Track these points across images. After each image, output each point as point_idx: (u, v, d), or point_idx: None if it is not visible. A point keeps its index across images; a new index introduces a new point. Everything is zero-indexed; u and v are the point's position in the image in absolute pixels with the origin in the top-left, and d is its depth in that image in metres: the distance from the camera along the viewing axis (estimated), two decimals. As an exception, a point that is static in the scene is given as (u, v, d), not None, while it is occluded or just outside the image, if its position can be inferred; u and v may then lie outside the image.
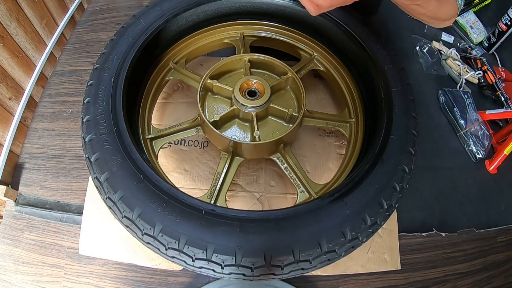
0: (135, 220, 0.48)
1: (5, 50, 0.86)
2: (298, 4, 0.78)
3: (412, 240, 0.84)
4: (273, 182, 0.81)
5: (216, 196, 0.63)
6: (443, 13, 0.61)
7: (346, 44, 0.77)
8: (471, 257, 0.86)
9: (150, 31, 0.69)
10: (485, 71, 1.15)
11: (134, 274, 0.75)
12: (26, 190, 0.88)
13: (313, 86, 0.94)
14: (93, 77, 0.62)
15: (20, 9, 0.90)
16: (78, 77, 1.06)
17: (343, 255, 0.51)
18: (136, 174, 0.51)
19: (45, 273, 0.77)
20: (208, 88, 0.73)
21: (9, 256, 0.79)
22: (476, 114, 1.04)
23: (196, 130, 0.71)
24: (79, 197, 0.85)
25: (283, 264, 0.46)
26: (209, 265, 0.47)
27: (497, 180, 0.98)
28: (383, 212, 0.52)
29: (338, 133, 0.87)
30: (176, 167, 0.81)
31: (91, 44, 1.14)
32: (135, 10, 0.78)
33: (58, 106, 1.01)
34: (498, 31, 1.19)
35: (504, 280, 0.86)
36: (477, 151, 0.99)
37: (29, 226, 0.82)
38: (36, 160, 0.91)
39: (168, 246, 0.47)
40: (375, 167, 0.55)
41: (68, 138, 0.94)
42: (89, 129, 0.55)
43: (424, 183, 0.93)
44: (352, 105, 0.78)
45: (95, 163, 0.52)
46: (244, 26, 0.85)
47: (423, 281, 0.81)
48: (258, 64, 0.77)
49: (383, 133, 0.60)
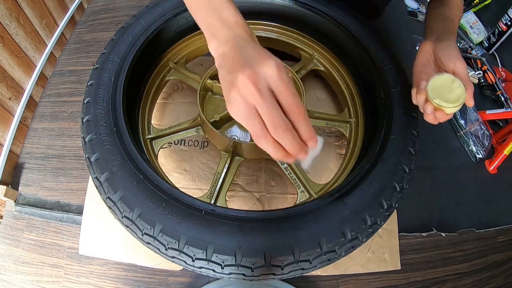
0: (135, 220, 0.48)
1: (5, 50, 0.86)
2: (298, 4, 0.78)
3: (412, 240, 0.84)
4: (273, 182, 0.81)
5: (216, 196, 0.63)
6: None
7: (346, 44, 0.77)
8: (471, 257, 0.86)
9: (150, 31, 0.69)
10: (485, 71, 1.15)
11: (134, 274, 0.75)
12: (26, 190, 0.88)
13: (313, 86, 0.94)
14: (93, 77, 0.62)
15: (20, 9, 0.90)
16: (78, 77, 1.06)
17: (343, 255, 0.51)
18: (136, 174, 0.51)
19: (45, 273, 0.77)
20: (208, 88, 0.73)
21: (9, 256, 0.79)
22: (476, 114, 1.04)
23: (196, 130, 0.71)
24: (79, 197, 0.85)
25: (283, 264, 0.46)
26: (209, 265, 0.46)
27: (497, 180, 0.98)
28: (383, 212, 0.52)
29: (338, 133, 0.87)
30: (176, 167, 0.81)
31: (91, 44, 1.14)
32: (135, 10, 0.78)
33: (58, 106, 1.01)
34: (498, 31, 1.19)
35: (504, 280, 0.86)
36: (477, 151, 0.99)
37: (29, 226, 0.82)
38: (36, 160, 0.92)
39: (168, 246, 0.47)
40: (375, 167, 0.55)
41: (68, 138, 0.95)
42: (89, 129, 0.55)
43: (424, 183, 0.93)
44: (352, 105, 0.78)
45: (95, 163, 0.52)
46: (244, 26, 0.85)
47: (423, 281, 0.81)
48: (258, 64, 0.77)
49: (383, 133, 0.60)
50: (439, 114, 0.52)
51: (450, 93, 0.51)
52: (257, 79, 0.35)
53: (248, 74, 0.35)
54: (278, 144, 0.35)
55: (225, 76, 0.37)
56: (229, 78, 0.36)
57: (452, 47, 0.54)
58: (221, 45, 0.39)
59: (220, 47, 0.39)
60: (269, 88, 0.35)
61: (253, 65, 0.36)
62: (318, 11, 0.77)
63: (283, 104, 0.36)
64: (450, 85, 0.51)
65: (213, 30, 0.40)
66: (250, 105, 0.35)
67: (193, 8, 0.43)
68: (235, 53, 0.38)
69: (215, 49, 0.40)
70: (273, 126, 0.34)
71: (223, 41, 0.39)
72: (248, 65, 0.36)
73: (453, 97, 0.50)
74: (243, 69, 0.35)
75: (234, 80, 0.35)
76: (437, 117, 0.52)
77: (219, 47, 0.39)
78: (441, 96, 0.51)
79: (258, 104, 0.34)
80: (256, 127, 0.35)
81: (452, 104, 0.50)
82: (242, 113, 0.35)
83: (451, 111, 0.52)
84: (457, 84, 0.51)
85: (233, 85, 0.35)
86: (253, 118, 0.35)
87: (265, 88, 0.35)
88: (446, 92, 0.51)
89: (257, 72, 0.35)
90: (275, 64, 0.36)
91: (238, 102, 0.35)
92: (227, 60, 0.38)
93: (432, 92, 0.51)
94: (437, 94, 0.51)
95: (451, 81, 0.51)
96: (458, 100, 0.50)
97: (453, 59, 0.53)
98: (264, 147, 0.36)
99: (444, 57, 0.54)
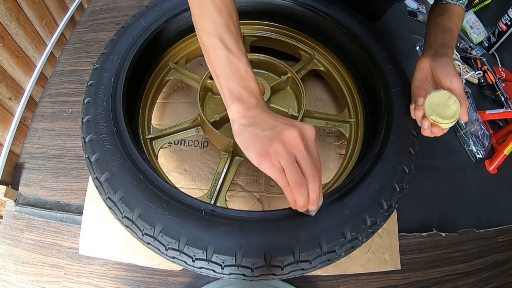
0: (135, 221, 0.48)
1: (5, 50, 0.86)
2: (298, 4, 0.78)
3: (412, 240, 0.84)
4: (273, 182, 0.81)
5: (216, 196, 0.63)
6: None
7: (346, 44, 0.77)
8: (471, 257, 0.86)
9: (150, 31, 0.69)
10: (485, 71, 1.15)
11: (134, 274, 0.75)
12: (26, 190, 0.88)
13: (313, 86, 0.94)
14: (93, 77, 0.62)
15: (20, 9, 0.90)
16: (78, 77, 1.06)
17: (343, 255, 0.51)
18: (136, 174, 0.51)
19: (45, 273, 0.77)
20: (208, 88, 0.73)
21: (9, 256, 0.79)
22: (476, 114, 1.04)
23: (196, 130, 0.71)
24: (79, 197, 0.85)
25: (283, 264, 0.46)
26: (209, 266, 0.47)
27: (497, 180, 0.98)
28: (383, 212, 0.52)
29: (338, 133, 0.87)
30: (176, 167, 0.81)
31: (91, 44, 1.14)
32: (135, 10, 0.78)
33: (58, 106, 1.01)
34: (498, 31, 1.19)
35: (504, 280, 0.86)
36: (477, 151, 0.99)
37: (29, 226, 0.82)
38: (36, 160, 0.92)
39: (168, 246, 0.47)
40: (375, 167, 0.55)
41: (68, 138, 0.94)
42: (89, 129, 0.55)
43: (424, 183, 0.93)
44: (352, 105, 0.78)
45: (95, 163, 0.52)
46: (244, 26, 0.85)
47: (423, 281, 0.81)
48: (258, 64, 0.77)
49: (383, 133, 0.60)
50: (435, 129, 0.55)
51: (446, 109, 0.54)
52: (298, 140, 0.41)
53: (293, 133, 0.41)
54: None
55: (260, 133, 0.42)
56: (268, 134, 0.41)
57: (449, 64, 0.57)
58: (248, 110, 0.44)
59: (248, 111, 0.44)
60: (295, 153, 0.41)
61: (292, 123, 0.42)
62: (318, 11, 0.77)
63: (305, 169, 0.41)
64: (446, 102, 0.54)
65: (238, 95, 0.44)
66: (284, 162, 0.40)
67: (218, 72, 0.46)
68: (266, 116, 0.43)
69: (240, 113, 0.44)
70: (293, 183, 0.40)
71: (249, 106, 0.44)
72: (290, 125, 0.42)
73: (449, 113, 0.53)
74: (289, 128, 0.41)
75: (279, 136, 0.41)
76: (433, 132, 0.56)
77: (247, 111, 0.44)
78: (437, 112, 0.54)
79: (288, 163, 0.40)
80: (284, 181, 0.40)
81: (448, 120, 0.53)
82: (276, 168, 0.40)
83: (447, 127, 0.55)
84: (453, 100, 0.53)
85: (277, 139, 0.40)
86: (283, 173, 0.40)
87: (296, 151, 0.41)
88: (442, 109, 0.54)
89: (300, 133, 0.41)
90: (310, 130, 0.43)
91: (277, 157, 0.40)
92: (260, 120, 0.43)
93: (429, 108, 0.54)
94: (434, 110, 0.54)
95: (447, 97, 0.54)
96: (453, 116, 0.53)
97: (450, 77, 0.55)
98: (288, 197, 0.42)
99: (441, 75, 0.56)
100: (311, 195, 0.42)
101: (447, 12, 0.67)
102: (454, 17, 0.67)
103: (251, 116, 0.43)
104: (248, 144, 0.42)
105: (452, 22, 0.66)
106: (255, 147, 0.41)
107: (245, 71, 0.45)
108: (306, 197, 0.41)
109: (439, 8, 0.69)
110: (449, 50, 0.61)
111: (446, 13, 0.67)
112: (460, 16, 0.68)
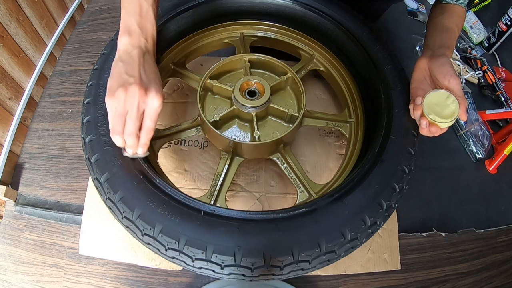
0: (135, 221, 0.48)
1: (5, 50, 0.86)
2: (298, 4, 0.78)
3: (412, 240, 0.84)
4: (273, 182, 0.81)
5: (216, 196, 0.63)
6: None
7: (346, 44, 0.76)
8: (471, 257, 0.86)
9: (150, 31, 0.68)
10: (485, 71, 1.15)
11: (134, 274, 0.75)
12: (26, 190, 0.88)
13: (313, 86, 0.94)
14: (93, 78, 0.62)
15: (20, 9, 0.90)
16: (78, 77, 1.06)
17: (342, 255, 0.51)
18: (136, 174, 0.51)
19: (45, 273, 0.77)
20: (208, 88, 0.73)
21: (9, 256, 0.79)
22: (476, 114, 1.04)
23: (196, 130, 0.71)
24: (79, 197, 0.85)
25: (283, 264, 0.46)
26: (208, 266, 0.47)
27: (497, 180, 0.98)
28: (383, 212, 0.52)
29: (338, 133, 0.87)
30: (176, 167, 0.81)
31: (91, 44, 1.14)
32: (135, 10, 0.78)
33: (58, 106, 1.01)
34: (498, 31, 1.19)
35: (504, 280, 0.86)
36: (477, 151, 0.99)
37: (29, 226, 0.82)
38: (36, 160, 0.92)
39: (168, 246, 0.47)
40: (375, 167, 0.55)
41: (68, 138, 0.95)
42: (89, 130, 0.55)
43: (424, 183, 0.93)
44: (352, 105, 0.78)
45: (95, 164, 0.53)
46: (244, 26, 0.85)
47: (423, 281, 0.81)
48: (258, 64, 0.77)
49: (383, 133, 0.60)
50: (433, 129, 0.55)
51: (445, 108, 0.53)
52: (144, 98, 0.45)
53: (140, 92, 0.45)
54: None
55: (121, 72, 0.46)
56: (125, 78, 0.45)
57: (447, 64, 0.56)
58: (133, 47, 0.48)
59: (132, 48, 0.48)
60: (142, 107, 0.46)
61: (149, 85, 0.46)
62: (318, 11, 0.77)
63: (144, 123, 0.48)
64: (445, 101, 0.54)
65: (129, 29, 0.49)
66: (116, 109, 0.45)
67: (122, 4, 0.50)
68: (139, 61, 0.47)
69: (125, 45, 0.48)
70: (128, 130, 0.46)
71: (135, 44, 0.48)
72: (143, 82, 0.46)
73: (447, 113, 0.53)
74: (140, 82, 0.45)
75: (127, 83, 0.45)
76: (431, 131, 0.55)
77: (131, 48, 0.48)
78: (436, 111, 0.53)
79: (131, 113, 0.45)
80: (120, 126, 0.46)
81: (446, 120, 0.53)
82: (112, 107, 0.45)
83: (445, 126, 0.54)
84: (451, 100, 0.53)
85: (124, 85, 0.45)
86: (122, 118, 0.45)
87: (142, 106, 0.46)
88: (440, 108, 0.53)
89: (147, 93, 0.45)
90: (161, 97, 0.47)
91: (120, 100, 0.45)
92: (129, 62, 0.47)
93: (427, 108, 0.54)
94: (432, 110, 0.53)
95: (446, 97, 0.54)
96: (452, 115, 0.53)
97: (448, 76, 0.55)
98: (113, 137, 0.47)
99: (439, 75, 0.56)
100: (122, 144, 0.48)
101: (447, 12, 0.67)
102: (454, 17, 0.67)
103: (129, 53, 0.47)
104: (111, 75, 0.47)
105: (451, 22, 0.66)
106: (111, 82, 0.46)
107: (146, 10, 0.49)
108: (120, 144, 0.48)
109: (439, 8, 0.69)
110: (447, 50, 0.61)
111: (446, 13, 0.67)
112: (460, 16, 0.68)
